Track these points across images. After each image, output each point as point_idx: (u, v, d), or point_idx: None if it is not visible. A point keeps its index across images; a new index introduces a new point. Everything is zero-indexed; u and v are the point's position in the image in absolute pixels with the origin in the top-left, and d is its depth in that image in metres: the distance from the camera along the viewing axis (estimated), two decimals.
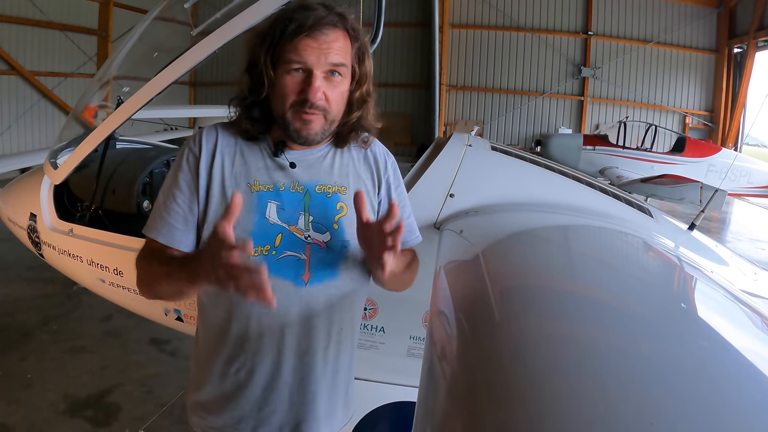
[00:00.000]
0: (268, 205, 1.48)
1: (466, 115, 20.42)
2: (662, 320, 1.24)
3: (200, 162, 1.50)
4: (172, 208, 1.50)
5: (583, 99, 19.47)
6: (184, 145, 1.56)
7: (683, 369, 0.95)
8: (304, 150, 1.55)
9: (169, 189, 1.52)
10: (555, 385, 0.87)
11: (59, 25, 15.63)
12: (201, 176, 1.50)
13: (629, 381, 0.88)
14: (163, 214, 1.51)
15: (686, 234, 2.61)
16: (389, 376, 2.47)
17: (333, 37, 1.43)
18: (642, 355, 1.00)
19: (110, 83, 3.12)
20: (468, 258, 1.67)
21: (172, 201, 1.50)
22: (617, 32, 19.13)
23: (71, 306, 5.66)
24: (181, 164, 1.52)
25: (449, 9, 19.57)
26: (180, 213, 1.50)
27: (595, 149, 13.34)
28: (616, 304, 1.29)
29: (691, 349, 1.06)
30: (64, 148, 3.10)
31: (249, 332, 1.51)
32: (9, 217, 3.50)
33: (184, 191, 1.50)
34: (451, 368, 1.08)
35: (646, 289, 1.54)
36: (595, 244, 2.08)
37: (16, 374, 4.34)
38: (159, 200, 1.54)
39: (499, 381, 0.92)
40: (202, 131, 1.55)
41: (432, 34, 4.64)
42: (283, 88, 1.43)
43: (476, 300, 1.31)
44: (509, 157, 2.69)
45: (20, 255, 6.65)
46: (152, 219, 1.52)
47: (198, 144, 1.52)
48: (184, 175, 1.51)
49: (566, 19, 19.39)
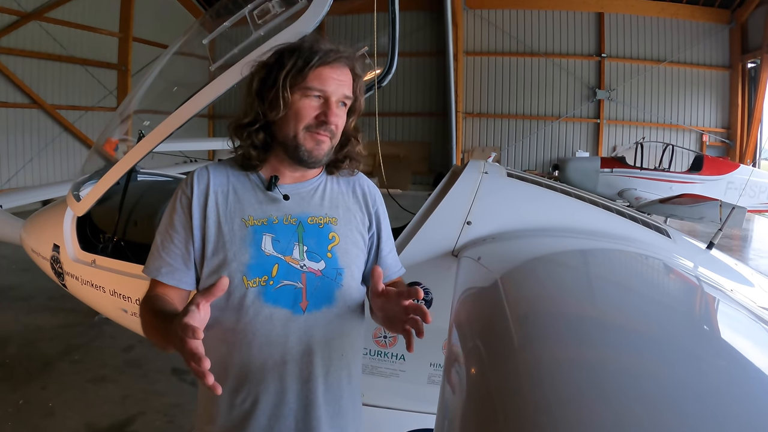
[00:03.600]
0: (263, 237, 1.55)
1: (483, 142, 20.40)
2: (681, 343, 1.24)
3: (192, 202, 1.58)
4: (170, 249, 1.58)
5: (599, 121, 19.39)
6: (177, 189, 1.63)
7: (705, 392, 0.95)
8: (295, 183, 1.65)
9: (165, 230, 1.60)
10: (573, 414, 0.88)
11: (80, 60, 15.90)
12: (195, 216, 1.57)
13: (652, 407, 0.88)
14: (161, 254, 1.58)
15: (705, 253, 2.59)
16: (410, 404, 2.47)
17: (346, 72, 1.59)
18: (664, 379, 1.00)
19: (131, 117, 3.18)
20: (486, 285, 1.68)
21: (169, 242, 1.58)
22: (630, 53, 19.10)
23: (93, 336, 5.70)
24: (175, 206, 1.60)
25: (463, 36, 19.63)
26: (178, 253, 1.58)
27: (613, 171, 13.27)
28: (635, 328, 1.29)
29: (711, 371, 1.06)
30: (86, 181, 3.16)
31: (251, 362, 1.55)
32: (32, 247, 3.56)
33: (179, 231, 1.58)
34: (468, 395, 1.09)
35: (665, 311, 1.53)
36: (613, 268, 2.07)
37: (37, 403, 4.36)
38: (156, 241, 1.61)
39: (517, 408, 0.92)
40: (194, 174, 1.62)
41: (447, 62, 4.67)
42: (301, 110, 1.54)
43: (495, 327, 1.32)
44: (525, 183, 2.70)
45: (42, 285, 6.73)
46: (151, 260, 1.60)
47: (190, 186, 1.60)
48: (178, 216, 1.59)
49: (579, 43, 19.39)
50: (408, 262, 2.27)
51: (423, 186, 18.49)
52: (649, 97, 19.00)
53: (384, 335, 2.35)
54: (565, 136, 19.78)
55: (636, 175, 13.07)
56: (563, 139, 19.79)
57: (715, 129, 18.76)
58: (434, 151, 20.48)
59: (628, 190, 12.81)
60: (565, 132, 19.80)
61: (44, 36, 14.67)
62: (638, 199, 11.79)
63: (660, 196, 11.21)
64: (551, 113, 19.81)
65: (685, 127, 18.80)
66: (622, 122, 19.33)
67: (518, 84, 19.97)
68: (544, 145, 19.98)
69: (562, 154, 19.11)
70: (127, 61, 17.24)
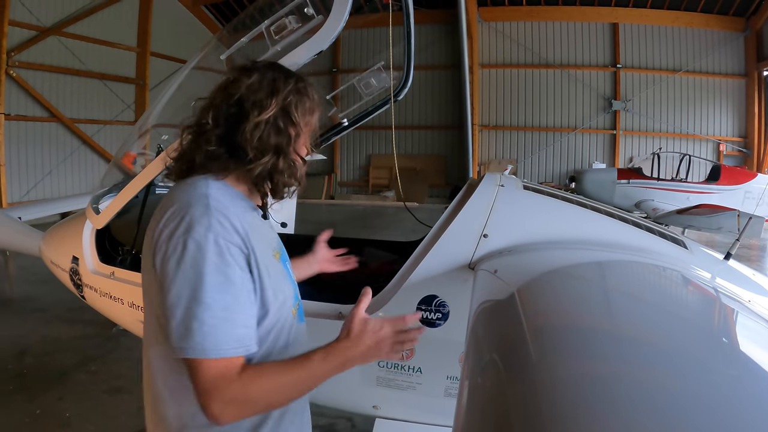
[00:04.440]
0: (286, 266, 1.58)
1: (499, 155, 20.40)
2: (697, 355, 1.23)
3: (244, 251, 1.37)
4: (238, 311, 1.33)
5: (615, 132, 19.33)
6: (207, 234, 1.31)
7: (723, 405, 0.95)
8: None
9: (219, 291, 1.30)
10: (593, 426, 0.88)
11: (98, 75, 16.14)
12: (252, 265, 1.38)
13: (666, 422, 0.87)
14: (236, 323, 1.32)
15: (722, 264, 2.57)
16: (426, 416, 2.46)
17: None
18: (680, 394, 0.99)
19: (149, 131, 3.22)
20: (503, 297, 1.68)
21: (235, 303, 1.32)
22: (645, 63, 19.04)
23: (110, 347, 5.74)
24: (225, 258, 1.32)
25: (478, 49, 19.67)
26: (248, 314, 1.37)
27: (630, 182, 13.22)
28: (651, 341, 1.28)
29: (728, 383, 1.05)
30: (105, 194, 3.19)
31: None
32: (51, 259, 3.60)
33: (244, 288, 1.36)
34: (485, 408, 1.09)
35: (682, 324, 1.53)
36: (630, 280, 2.07)
37: (54, 413, 4.39)
38: (210, 310, 1.28)
39: (533, 422, 0.92)
40: (217, 212, 1.35)
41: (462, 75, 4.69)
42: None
43: (511, 339, 1.32)
44: (541, 195, 2.69)
45: (60, 296, 6.78)
46: (221, 334, 1.28)
47: (233, 229, 1.35)
48: (232, 269, 1.33)
49: (594, 54, 19.37)
50: (425, 275, 2.27)
51: (439, 199, 18.52)
52: (665, 107, 18.92)
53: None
54: (582, 147, 19.73)
55: (653, 186, 13.02)
56: (579, 151, 19.74)
57: (732, 138, 18.63)
58: (450, 164, 20.51)
59: (645, 201, 12.75)
60: (581, 143, 19.75)
61: (63, 51, 14.93)
62: (655, 210, 11.73)
63: (677, 207, 11.14)
64: (567, 125, 19.78)
65: (701, 136, 18.68)
66: (639, 133, 19.25)
67: (534, 96, 19.97)
68: (561, 157, 19.93)
69: (578, 166, 19.08)
70: (145, 75, 17.48)
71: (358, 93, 2.80)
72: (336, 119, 2.76)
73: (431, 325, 2.30)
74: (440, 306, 2.28)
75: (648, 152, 16.41)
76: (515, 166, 19.58)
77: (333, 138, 2.64)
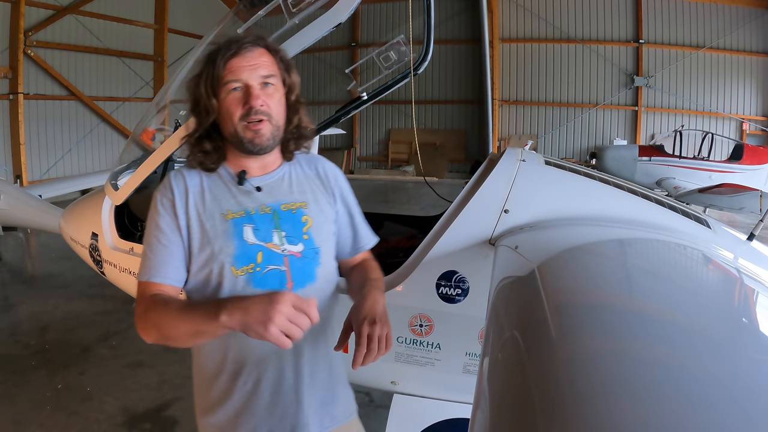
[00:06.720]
0: (244, 228, 1.65)
1: (519, 130, 20.21)
2: (719, 336, 1.21)
3: (175, 204, 1.66)
4: (161, 250, 1.64)
5: (637, 109, 19.02)
6: (155, 193, 1.70)
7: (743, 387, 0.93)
8: (263, 175, 1.74)
9: (152, 235, 1.66)
10: (613, 405, 0.86)
11: (116, 52, 16.20)
12: (179, 216, 1.65)
13: (687, 402, 0.86)
14: (156, 257, 1.64)
15: (745, 245, 2.53)
16: (445, 393, 2.46)
17: (258, 53, 1.64)
18: (700, 374, 0.98)
19: (167, 107, 3.21)
20: (523, 274, 1.66)
21: (158, 244, 1.64)
22: (669, 39, 18.65)
23: (130, 322, 5.76)
24: (158, 209, 1.67)
25: (498, 23, 19.40)
26: (169, 253, 1.64)
27: (651, 160, 13.04)
28: (672, 320, 1.26)
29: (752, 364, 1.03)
30: (124, 170, 3.20)
31: (249, 345, 1.64)
32: (71, 236, 3.62)
33: (166, 233, 1.64)
34: (505, 385, 1.08)
35: (704, 303, 1.51)
36: (652, 258, 2.04)
37: (75, 387, 4.48)
38: (147, 247, 1.67)
39: (555, 399, 0.91)
40: (170, 177, 1.72)
41: (482, 49, 4.63)
42: (228, 107, 1.62)
43: (532, 316, 1.30)
44: (563, 171, 2.66)
45: (81, 273, 6.90)
46: (144, 266, 1.65)
47: (169, 188, 1.68)
48: (162, 218, 1.65)
49: (617, 29, 19.03)
50: (444, 250, 2.26)
51: (460, 174, 18.42)
52: (687, 84, 18.56)
53: (420, 324, 2.34)
54: (603, 123, 19.47)
55: (674, 164, 12.84)
56: (600, 127, 19.48)
57: (756, 117, 18.27)
58: (471, 139, 20.31)
59: (666, 179, 12.59)
60: (602, 120, 19.48)
61: (80, 29, 14.99)
62: (677, 188, 11.59)
63: (699, 186, 10.98)
64: (588, 100, 19.50)
65: (724, 114, 18.36)
66: (661, 110, 18.93)
67: (555, 71, 19.67)
68: (581, 133, 19.69)
69: (599, 143, 18.84)
70: (163, 52, 17.54)
71: (378, 67, 2.78)
72: (355, 93, 2.75)
73: (451, 301, 2.29)
74: (460, 282, 2.27)
75: (670, 129, 16.17)
76: (535, 141, 19.40)
77: (353, 112, 2.62)
